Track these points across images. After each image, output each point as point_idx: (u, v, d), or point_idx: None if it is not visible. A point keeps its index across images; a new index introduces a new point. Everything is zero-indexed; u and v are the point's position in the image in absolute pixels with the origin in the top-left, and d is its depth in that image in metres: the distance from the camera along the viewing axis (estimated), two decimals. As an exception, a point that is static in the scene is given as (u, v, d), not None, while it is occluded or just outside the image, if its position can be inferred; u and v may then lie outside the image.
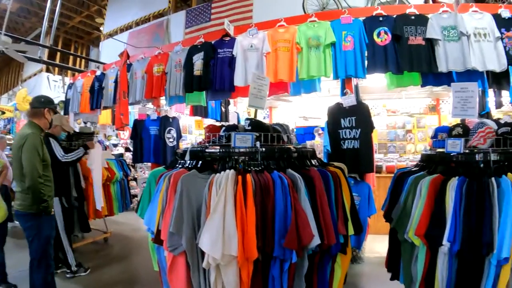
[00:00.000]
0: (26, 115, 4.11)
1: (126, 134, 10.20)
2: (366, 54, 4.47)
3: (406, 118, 9.11)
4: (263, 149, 2.70)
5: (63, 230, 4.69)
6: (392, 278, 3.24)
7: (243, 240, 2.30)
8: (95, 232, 6.56)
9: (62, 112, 8.17)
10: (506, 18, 4.24)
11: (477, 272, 2.41)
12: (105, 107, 6.68)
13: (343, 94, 4.62)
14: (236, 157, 2.70)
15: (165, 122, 5.75)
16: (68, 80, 10.33)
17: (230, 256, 2.30)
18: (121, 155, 9.22)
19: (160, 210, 2.67)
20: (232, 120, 7.52)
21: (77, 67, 16.33)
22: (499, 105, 5.59)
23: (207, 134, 3.23)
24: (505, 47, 4.14)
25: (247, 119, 3.15)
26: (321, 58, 4.54)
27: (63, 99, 8.30)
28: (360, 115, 4.42)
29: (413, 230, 2.71)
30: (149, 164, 6.77)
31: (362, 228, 3.03)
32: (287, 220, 2.35)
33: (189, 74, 5.15)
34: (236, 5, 9.64)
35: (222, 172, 2.49)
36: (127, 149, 9.99)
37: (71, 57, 17.69)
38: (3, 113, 12.88)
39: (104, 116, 8.03)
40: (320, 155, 5.35)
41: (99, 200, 5.50)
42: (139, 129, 5.90)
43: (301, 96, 6.42)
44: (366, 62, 4.47)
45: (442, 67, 4.18)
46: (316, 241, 2.35)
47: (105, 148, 8.80)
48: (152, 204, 2.83)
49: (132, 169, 9.28)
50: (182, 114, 8.05)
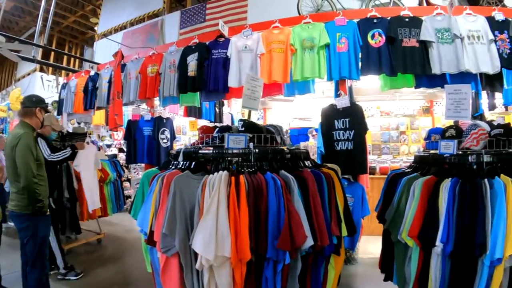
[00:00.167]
0: (17, 114, 4.09)
1: (120, 135, 10.15)
2: (360, 55, 4.48)
3: (400, 119, 9.17)
4: (256, 150, 2.70)
5: (51, 231, 4.63)
6: (385, 279, 3.24)
7: (236, 241, 2.30)
8: (88, 233, 6.53)
9: (55, 112, 8.13)
10: (500, 20, 4.27)
11: (470, 272, 2.42)
12: (99, 108, 6.65)
13: (337, 95, 4.62)
14: (229, 158, 2.70)
15: (159, 123, 5.73)
16: (62, 80, 10.26)
17: (223, 257, 2.30)
18: (115, 155, 9.16)
19: (153, 211, 2.66)
20: (226, 121, 7.52)
21: (71, 67, 16.25)
22: (492, 107, 5.64)
23: (200, 135, 3.23)
24: (498, 50, 4.17)
25: (240, 120, 3.15)
26: (315, 59, 4.55)
27: (57, 99, 8.25)
28: (353, 116, 4.42)
29: (406, 231, 2.72)
30: (143, 165, 6.76)
31: (355, 229, 3.03)
32: (280, 221, 2.35)
33: (183, 74, 5.13)
34: (231, 6, 9.64)
35: (215, 173, 2.48)
36: (120, 150, 9.93)
37: (65, 57, 17.61)
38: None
39: (98, 116, 7.99)
40: (314, 156, 5.36)
41: (91, 202, 5.38)
42: (132, 129, 5.87)
43: (295, 98, 6.44)
44: (360, 64, 4.48)
45: (435, 69, 4.19)
46: (309, 242, 2.35)
47: (99, 148, 8.77)
48: (145, 205, 2.81)
49: (126, 170, 9.24)
50: (176, 115, 8.05)
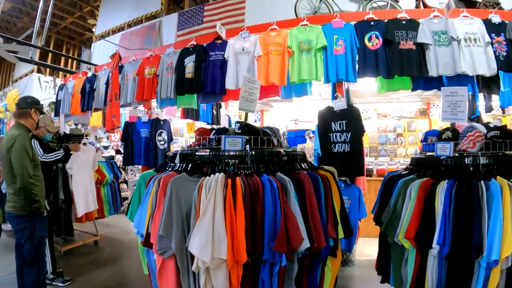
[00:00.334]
0: (13, 116, 4.08)
1: (117, 137, 10.13)
2: (357, 58, 4.49)
3: (397, 121, 9.19)
4: (253, 152, 2.70)
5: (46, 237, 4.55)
6: (382, 281, 3.24)
7: (233, 243, 2.29)
8: (85, 235, 6.52)
9: (52, 114, 8.12)
10: (496, 23, 4.29)
11: (467, 274, 2.43)
12: (96, 109, 6.64)
13: (334, 97, 4.63)
14: (226, 160, 2.70)
15: (156, 124, 5.73)
16: (59, 81, 10.25)
17: (219, 260, 2.29)
18: (112, 157, 9.17)
19: (149, 213, 2.65)
20: (223, 123, 7.52)
21: (69, 68, 16.20)
22: (489, 109, 5.67)
23: (197, 137, 3.23)
24: (495, 52, 4.19)
25: (237, 122, 3.14)
26: (312, 62, 4.55)
27: (54, 100, 8.24)
28: (350, 118, 4.43)
29: (403, 233, 2.73)
30: (140, 166, 6.75)
31: (352, 231, 3.03)
32: (276, 223, 2.34)
33: (180, 76, 5.14)
34: (229, 8, 9.64)
35: (212, 175, 2.48)
36: (118, 152, 9.92)
37: (62, 58, 17.59)
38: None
39: (95, 118, 7.96)
40: (311, 158, 5.36)
41: (81, 206, 5.20)
42: (130, 131, 5.87)
43: (292, 100, 6.44)
44: (357, 66, 4.49)
45: (432, 72, 4.21)
46: (306, 244, 2.35)
47: (96, 150, 8.74)
48: (142, 207, 2.81)
49: (123, 172, 9.22)
50: (173, 116, 8.03)
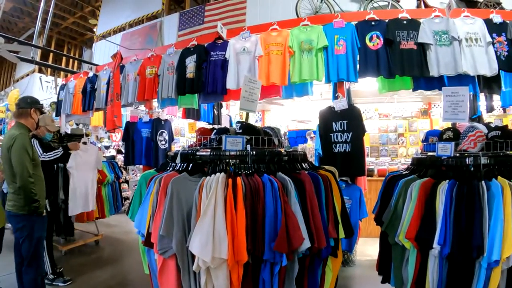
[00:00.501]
0: (13, 116, 4.08)
1: (118, 136, 10.14)
2: (358, 58, 4.48)
3: (398, 121, 9.19)
4: (254, 152, 2.70)
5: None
6: (383, 281, 3.23)
7: (233, 243, 2.30)
8: (86, 234, 6.53)
9: (54, 114, 8.13)
10: (498, 23, 4.28)
11: (468, 274, 2.42)
12: (97, 109, 6.64)
13: (335, 97, 4.63)
14: (226, 160, 2.70)
15: (157, 124, 5.72)
16: (60, 81, 10.27)
17: (220, 259, 2.29)
18: (113, 157, 9.17)
19: (150, 213, 2.65)
20: (225, 123, 7.52)
21: (70, 68, 16.24)
22: (490, 109, 5.65)
23: (198, 137, 3.23)
24: (496, 52, 4.18)
25: (238, 122, 3.14)
26: (313, 61, 4.55)
27: (55, 100, 8.25)
28: (351, 118, 4.42)
29: (403, 233, 2.72)
30: (141, 166, 6.75)
31: (353, 231, 3.03)
32: (277, 223, 2.34)
33: (181, 76, 5.14)
34: (230, 8, 9.65)
35: (213, 175, 2.48)
36: (119, 151, 9.92)
37: (64, 58, 17.64)
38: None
39: (96, 118, 7.96)
40: (312, 158, 5.36)
41: (73, 205, 5.10)
42: (131, 131, 5.87)
43: (293, 100, 6.43)
44: (358, 66, 4.48)
45: (433, 72, 4.20)
46: (306, 244, 2.34)
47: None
48: (143, 207, 2.81)
49: (124, 172, 9.23)
50: (175, 116, 8.03)
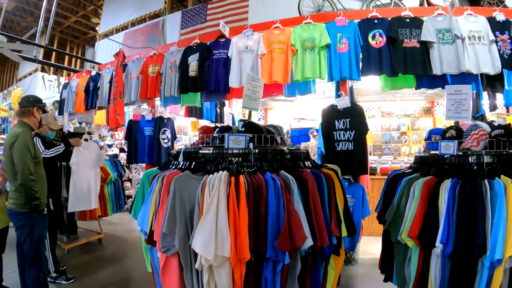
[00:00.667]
0: (15, 114, 4.09)
1: (121, 135, 10.15)
2: (360, 56, 4.47)
3: (401, 120, 9.17)
4: (256, 150, 2.70)
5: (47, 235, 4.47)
6: (385, 280, 3.23)
7: (236, 241, 2.30)
8: (89, 232, 6.54)
9: (56, 112, 8.14)
10: (501, 21, 4.27)
11: (470, 273, 2.41)
12: (100, 108, 6.66)
13: (338, 96, 4.62)
14: (229, 158, 2.70)
15: (159, 123, 5.74)
16: (63, 80, 10.29)
17: (222, 257, 2.30)
18: (116, 155, 9.18)
19: (153, 211, 2.66)
20: (227, 122, 7.51)
21: (73, 67, 16.28)
22: (493, 107, 5.64)
23: (200, 135, 3.23)
24: (499, 50, 4.17)
25: (240, 120, 3.14)
26: (315, 60, 4.54)
27: (58, 99, 8.27)
28: (354, 117, 4.42)
29: (406, 231, 2.71)
30: (144, 165, 6.77)
31: (355, 229, 3.02)
32: (279, 221, 2.34)
33: (184, 75, 5.15)
34: (232, 6, 9.65)
35: (215, 173, 2.48)
36: (121, 150, 9.93)
37: (66, 57, 17.66)
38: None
39: (99, 116, 7.99)
40: (315, 157, 5.36)
41: (73, 202, 5.04)
42: (133, 129, 5.89)
43: (296, 98, 6.43)
44: (360, 64, 4.47)
45: (436, 70, 4.19)
46: (309, 242, 2.34)
47: (100, 148, 8.77)
48: (145, 205, 2.81)
49: (127, 170, 9.25)
50: (177, 115, 8.05)
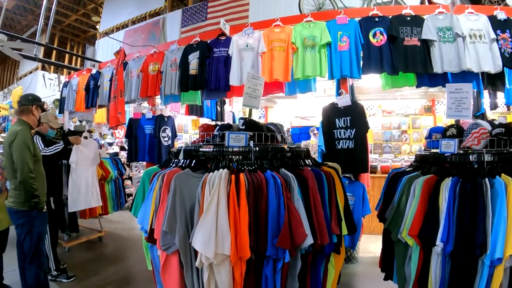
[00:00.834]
0: (14, 113, 4.09)
1: (121, 133, 10.16)
2: (361, 54, 4.46)
3: (401, 118, 9.16)
4: (257, 148, 2.70)
5: (47, 233, 4.40)
6: (385, 278, 3.24)
7: (236, 239, 2.30)
8: (90, 231, 6.56)
9: (57, 111, 8.14)
10: (502, 19, 4.25)
11: (471, 272, 2.42)
12: (100, 106, 6.65)
13: (339, 94, 4.61)
14: (229, 156, 2.69)
15: (160, 121, 5.74)
16: (63, 78, 10.29)
17: (223, 255, 2.30)
18: (116, 154, 9.20)
19: (153, 209, 2.66)
20: (228, 120, 7.51)
21: (73, 65, 16.25)
22: (494, 106, 5.62)
23: (201, 133, 3.23)
24: (500, 49, 4.15)
25: (241, 118, 3.14)
26: (316, 58, 4.53)
27: (59, 97, 8.27)
28: (355, 115, 4.41)
29: (406, 230, 2.71)
30: (144, 163, 6.77)
31: (355, 228, 3.02)
32: (280, 219, 2.34)
33: (184, 73, 5.14)
34: (232, 4, 9.65)
35: (216, 171, 2.48)
36: (122, 148, 9.94)
37: (67, 55, 17.66)
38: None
39: (100, 114, 8.01)
40: (315, 155, 5.36)
41: (74, 201, 5.10)
42: (134, 128, 5.89)
43: (296, 96, 6.42)
44: (361, 63, 4.46)
45: (437, 68, 4.18)
46: (309, 240, 2.34)
47: (100, 147, 8.78)
48: (146, 203, 2.82)
49: (128, 168, 9.26)
50: (178, 113, 8.05)
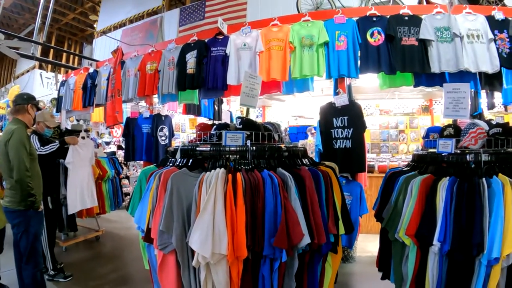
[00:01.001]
0: (10, 112, 4.08)
1: (119, 132, 10.14)
2: (359, 54, 4.47)
3: (399, 118, 9.17)
4: (254, 147, 2.69)
5: (43, 232, 4.37)
6: (383, 278, 3.24)
7: (233, 238, 2.29)
8: (87, 230, 6.54)
9: (54, 110, 8.13)
10: (499, 20, 4.27)
11: (468, 272, 2.42)
12: (98, 105, 6.64)
13: (336, 93, 4.62)
14: (226, 155, 2.68)
15: (157, 120, 5.73)
16: (61, 77, 10.27)
17: (220, 255, 2.29)
18: (114, 153, 9.19)
19: (150, 209, 2.65)
20: (225, 119, 7.51)
21: (70, 64, 16.19)
22: (491, 106, 5.63)
23: (198, 132, 3.22)
24: (498, 49, 4.17)
25: (238, 117, 3.13)
26: (314, 57, 4.54)
27: (56, 96, 8.25)
28: (352, 114, 4.42)
29: (403, 229, 2.72)
30: (142, 162, 6.76)
31: (353, 227, 3.02)
32: (277, 219, 2.34)
33: (182, 72, 5.14)
34: (230, 3, 9.62)
35: (213, 171, 2.47)
36: (119, 147, 9.93)
37: (64, 54, 17.58)
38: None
39: (97, 113, 7.96)
40: (313, 154, 5.35)
41: (72, 204, 5.04)
42: (131, 127, 5.88)
43: (294, 95, 6.42)
44: (359, 62, 4.47)
45: (434, 68, 4.19)
46: (306, 240, 2.34)
47: (97, 146, 8.76)
48: (143, 203, 2.80)
49: (125, 167, 9.25)
50: (175, 112, 8.04)
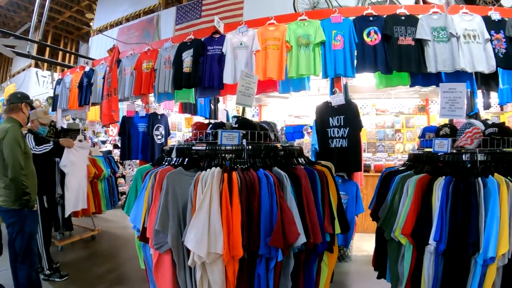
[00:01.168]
0: (3, 111, 4.06)
1: (115, 131, 10.11)
2: (355, 53, 4.46)
3: (395, 117, 9.18)
4: (250, 147, 2.68)
5: (39, 232, 4.42)
6: (379, 277, 3.24)
7: (229, 238, 2.29)
8: (83, 229, 6.52)
9: (50, 108, 8.09)
10: (496, 20, 4.28)
11: (463, 271, 2.42)
12: (94, 104, 6.61)
13: (332, 93, 4.62)
14: (222, 154, 2.68)
15: (153, 119, 5.71)
16: (57, 75, 10.23)
17: (215, 254, 2.29)
18: (110, 152, 9.16)
19: (146, 208, 2.64)
20: (221, 118, 7.50)
21: (66, 62, 16.16)
22: (487, 106, 5.64)
23: (194, 131, 3.21)
24: (494, 49, 4.18)
25: (234, 116, 3.13)
26: (310, 56, 4.53)
27: (52, 95, 8.22)
28: (348, 114, 4.42)
29: (399, 229, 2.72)
30: (138, 161, 6.74)
31: (349, 226, 3.02)
32: (272, 218, 2.33)
33: (178, 71, 5.12)
34: (227, 2, 9.64)
35: (208, 170, 2.46)
36: (115, 146, 9.90)
37: (60, 53, 17.54)
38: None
39: (93, 112, 7.93)
40: (309, 153, 5.35)
41: (69, 207, 4.96)
42: (127, 126, 5.86)
43: (290, 95, 6.42)
44: (355, 62, 4.46)
45: (431, 68, 4.19)
46: (302, 239, 2.34)
47: (93, 145, 8.73)
48: (138, 202, 2.79)
49: (121, 166, 9.22)
50: (171, 111, 8.01)
